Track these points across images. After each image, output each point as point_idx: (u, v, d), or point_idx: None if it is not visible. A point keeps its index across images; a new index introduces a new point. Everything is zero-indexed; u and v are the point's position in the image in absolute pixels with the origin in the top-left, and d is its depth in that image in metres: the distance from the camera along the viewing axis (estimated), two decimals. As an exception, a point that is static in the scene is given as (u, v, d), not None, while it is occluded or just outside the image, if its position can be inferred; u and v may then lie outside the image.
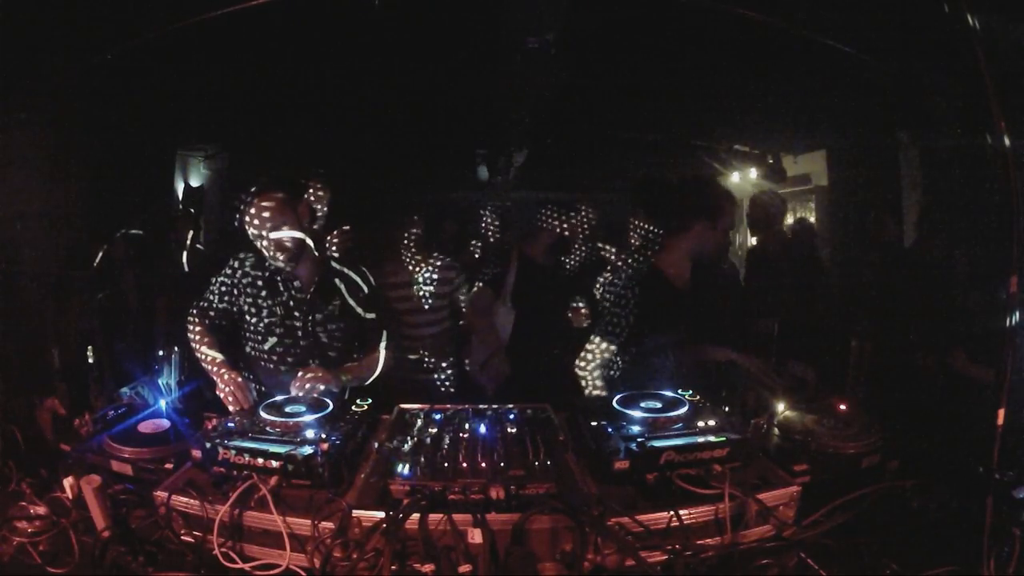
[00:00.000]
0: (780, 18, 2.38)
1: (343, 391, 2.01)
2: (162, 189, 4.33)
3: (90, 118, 3.07)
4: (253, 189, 2.02)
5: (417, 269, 2.94)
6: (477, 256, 3.82)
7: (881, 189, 3.28)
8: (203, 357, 1.96)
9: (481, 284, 3.09)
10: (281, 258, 2.01)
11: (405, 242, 2.97)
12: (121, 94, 3.04)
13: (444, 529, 1.21)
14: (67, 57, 2.43)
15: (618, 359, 2.30)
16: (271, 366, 2.11)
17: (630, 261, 2.87)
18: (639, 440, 1.41)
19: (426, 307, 2.93)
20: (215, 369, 1.89)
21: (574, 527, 1.21)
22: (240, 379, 1.82)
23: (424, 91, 3.67)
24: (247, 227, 2.02)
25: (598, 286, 2.89)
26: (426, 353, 2.94)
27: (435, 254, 3.02)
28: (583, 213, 3.08)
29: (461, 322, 3.16)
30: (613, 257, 3.19)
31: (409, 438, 1.51)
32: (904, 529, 1.34)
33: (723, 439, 1.42)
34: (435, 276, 2.94)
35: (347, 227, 2.90)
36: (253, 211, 1.99)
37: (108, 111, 3.14)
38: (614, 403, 1.64)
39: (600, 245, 3.20)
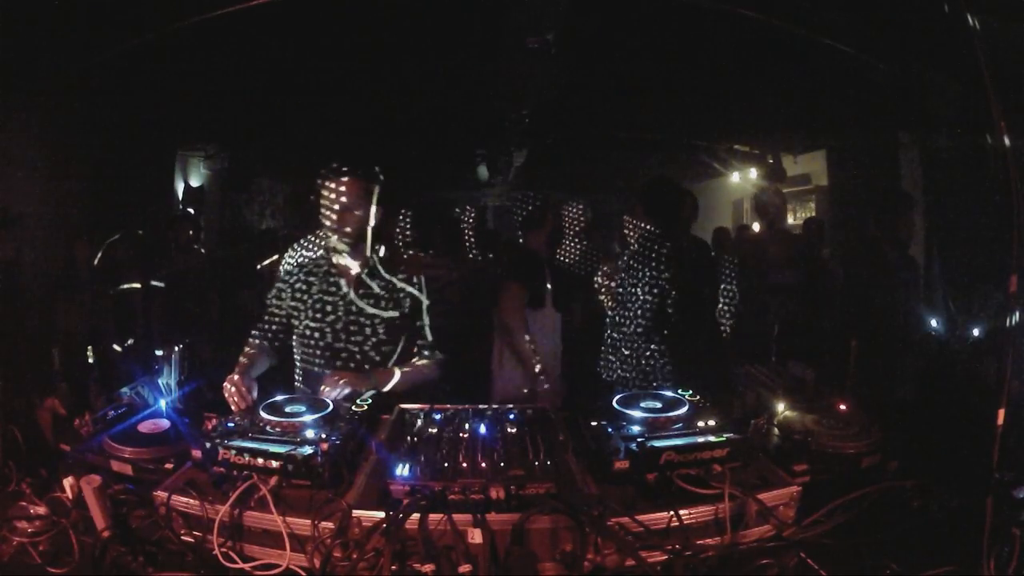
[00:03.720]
0: (780, 18, 2.38)
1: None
2: (162, 189, 4.33)
3: (90, 118, 3.07)
4: (345, 169, 2.07)
5: None
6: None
7: (881, 189, 3.28)
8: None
9: (511, 282, 2.95)
10: (347, 240, 2.07)
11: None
12: (121, 94, 3.04)
13: (444, 529, 1.21)
14: (67, 57, 2.43)
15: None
16: (321, 365, 2.10)
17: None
18: (639, 440, 1.41)
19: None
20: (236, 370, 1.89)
21: (574, 527, 1.21)
22: (240, 379, 1.80)
23: (424, 91, 3.67)
24: (325, 201, 2.07)
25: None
26: None
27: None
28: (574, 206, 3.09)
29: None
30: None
31: (409, 438, 1.51)
32: (904, 529, 1.33)
33: (723, 439, 1.42)
34: None
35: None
36: (335, 186, 2.05)
37: (108, 111, 3.14)
38: (614, 403, 1.64)
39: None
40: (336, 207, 2.07)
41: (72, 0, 2.24)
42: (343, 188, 2.06)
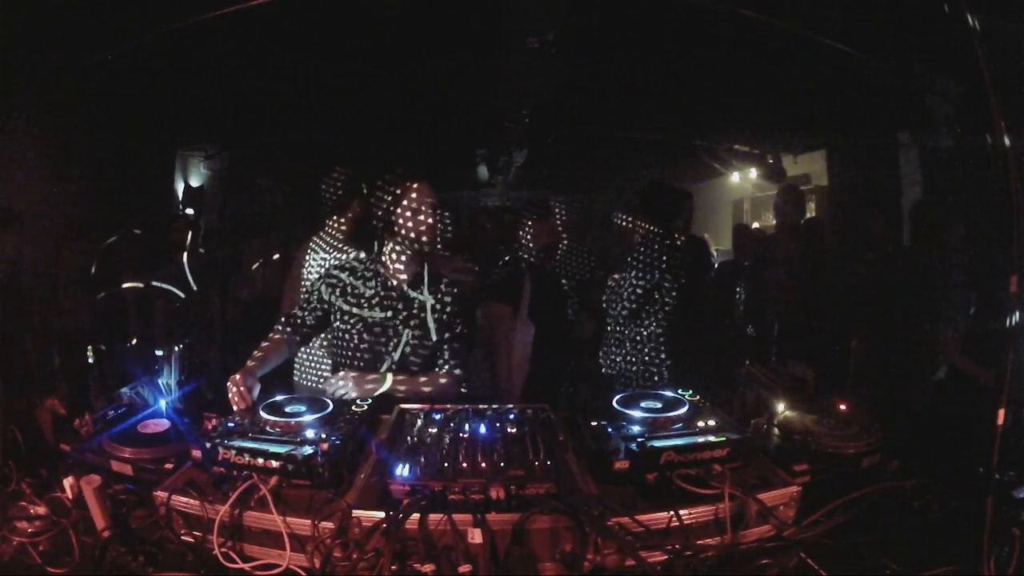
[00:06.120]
0: (780, 18, 2.39)
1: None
2: (162, 189, 4.33)
3: (90, 118, 3.07)
4: (420, 178, 2.12)
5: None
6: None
7: (881, 189, 3.28)
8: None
9: (492, 296, 2.98)
10: (405, 245, 2.09)
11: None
12: (121, 94, 3.04)
13: (444, 529, 1.21)
14: (67, 57, 2.43)
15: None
16: (353, 366, 2.10)
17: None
18: (639, 440, 1.41)
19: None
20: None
21: (574, 527, 1.21)
22: (241, 378, 1.79)
23: (425, 91, 3.67)
24: (403, 209, 2.09)
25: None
26: None
27: None
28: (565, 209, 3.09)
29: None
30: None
31: (409, 438, 1.51)
32: (904, 529, 1.34)
33: (723, 439, 1.42)
34: None
35: None
36: (416, 195, 2.09)
37: (108, 111, 3.14)
38: (614, 403, 1.64)
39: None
40: (407, 214, 2.09)
41: (72, 0, 2.24)
42: (415, 196, 2.09)
